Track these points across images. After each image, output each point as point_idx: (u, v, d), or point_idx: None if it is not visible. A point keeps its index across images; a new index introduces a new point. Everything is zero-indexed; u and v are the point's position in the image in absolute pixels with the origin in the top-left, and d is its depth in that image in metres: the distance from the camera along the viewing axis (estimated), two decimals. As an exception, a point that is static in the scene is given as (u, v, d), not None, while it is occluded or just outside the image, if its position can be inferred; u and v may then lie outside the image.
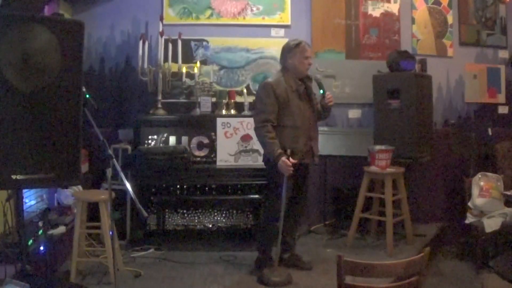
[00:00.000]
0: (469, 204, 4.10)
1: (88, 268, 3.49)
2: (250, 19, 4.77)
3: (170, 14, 4.70)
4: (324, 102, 3.49)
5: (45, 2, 3.76)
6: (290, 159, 3.20)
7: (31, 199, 3.64)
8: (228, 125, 4.14)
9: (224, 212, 4.28)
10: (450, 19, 5.10)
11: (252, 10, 4.77)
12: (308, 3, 4.85)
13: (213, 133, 4.16)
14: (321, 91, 3.47)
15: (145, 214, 2.39)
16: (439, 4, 5.08)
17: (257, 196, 4.06)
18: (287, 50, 3.45)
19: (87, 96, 2.61)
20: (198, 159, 4.16)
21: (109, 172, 2.46)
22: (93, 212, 3.56)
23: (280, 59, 3.54)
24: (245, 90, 4.59)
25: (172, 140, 4.21)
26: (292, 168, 3.19)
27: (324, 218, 4.71)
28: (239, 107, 4.50)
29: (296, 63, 3.39)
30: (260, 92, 3.38)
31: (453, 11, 5.11)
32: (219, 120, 4.12)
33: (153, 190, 4.14)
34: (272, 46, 4.69)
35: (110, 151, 2.52)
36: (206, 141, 4.22)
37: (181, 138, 4.21)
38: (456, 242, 4.42)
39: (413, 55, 4.63)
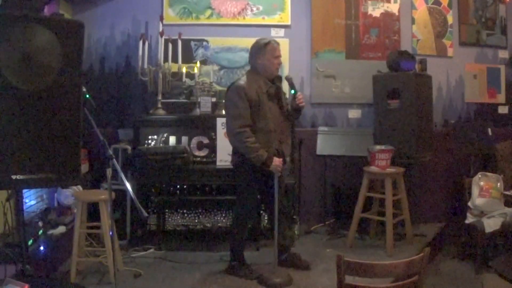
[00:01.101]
0: (469, 204, 4.10)
1: (88, 268, 3.49)
2: (250, 19, 4.77)
3: (170, 14, 4.70)
4: (295, 103, 3.37)
5: (45, 2, 3.76)
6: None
7: (31, 199, 3.64)
8: (228, 125, 4.14)
9: (224, 212, 4.28)
10: (450, 19, 5.10)
11: (252, 10, 4.78)
12: (308, 3, 4.85)
13: (213, 133, 4.16)
14: (292, 91, 3.36)
15: (145, 214, 2.39)
16: (439, 4, 5.08)
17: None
18: (256, 50, 3.34)
19: (87, 96, 2.61)
20: (198, 159, 4.16)
21: (109, 172, 2.46)
22: (93, 212, 3.56)
23: (249, 60, 3.42)
24: (245, 90, 4.58)
25: (172, 140, 4.21)
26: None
27: (324, 218, 4.71)
28: (239, 107, 4.49)
29: (266, 63, 3.30)
30: (232, 96, 3.24)
31: (453, 11, 5.11)
32: (219, 120, 4.11)
33: (153, 190, 4.14)
34: (272, 46, 4.68)
35: (110, 151, 2.52)
36: (206, 141, 4.22)
37: (181, 138, 4.21)
38: (456, 242, 4.42)
39: (413, 55, 4.63)
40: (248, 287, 3.26)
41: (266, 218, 4.25)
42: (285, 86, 3.47)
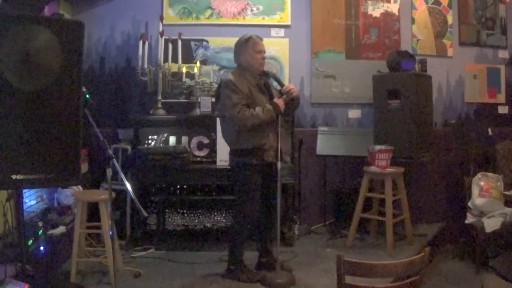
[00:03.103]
0: (469, 204, 4.10)
1: (88, 268, 3.49)
2: (250, 19, 4.77)
3: (170, 14, 4.70)
4: (288, 95, 3.31)
5: (45, 2, 3.76)
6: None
7: (31, 199, 3.64)
8: (228, 125, 4.14)
9: (224, 212, 4.28)
10: (450, 19, 5.10)
11: (252, 10, 4.78)
12: (308, 3, 4.85)
13: (213, 133, 4.16)
14: (280, 87, 3.37)
15: (145, 214, 2.39)
16: (439, 4, 5.08)
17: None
18: (238, 47, 3.36)
19: (87, 96, 2.61)
20: (198, 159, 4.16)
21: (109, 172, 2.46)
22: (93, 212, 3.56)
23: (234, 58, 3.43)
24: (245, 90, 4.58)
25: (172, 140, 4.21)
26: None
27: (324, 218, 4.71)
28: (239, 107, 4.49)
29: (249, 59, 3.30)
30: (224, 90, 3.23)
31: (453, 11, 5.11)
32: (219, 120, 4.11)
33: (153, 190, 4.14)
34: (272, 46, 4.69)
35: (110, 151, 2.52)
36: (206, 141, 4.22)
37: (181, 138, 4.21)
38: (456, 242, 4.42)
39: (413, 55, 4.63)
40: (248, 286, 3.26)
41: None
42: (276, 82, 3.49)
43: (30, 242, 3.07)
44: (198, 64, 4.52)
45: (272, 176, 3.36)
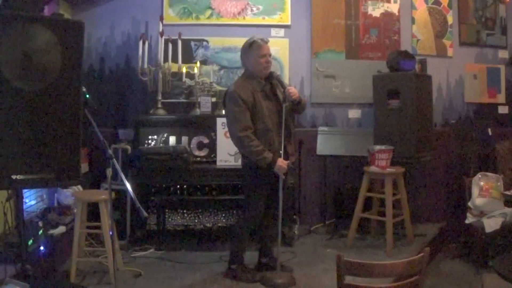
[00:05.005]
0: (469, 204, 4.10)
1: (88, 268, 3.49)
2: (250, 19, 4.77)
3: (170, 14, 4.70)
4: (290, 99, 3.26)
5: (45, 2, 3.76)
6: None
7: (31, 199, 3.64)
8: (228, 125, 4.14)
9: (224, 212, 4.28)
10: (450, 19, 5.10)
11: (252, 10, 4.77)
12: (308, 3, 4.85)
13: (213, 133, 4.16)
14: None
15: (145, 214, 2.39)
16: (439, 4, 5.08)
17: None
18: (244, 51, 3.32)
19: (87, 96, 2.62)
20: (198, 159, 4.16)
21: (109, 172, 2.46)
22: (93, 212, 3.56)
23: (241, 62, 3.41)
24: (245, 90, 4.58)
25: (172, 140, 4.21)
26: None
27: (324, 218, 4.71)
28: (239, 107, 4.49)
29: (253, 63, 3.25)
30: (228, 102, 3.25)
31: (453, 11, 5.11)
32: (219, 120, 4.11)
33: (153, 190, 4.14)
34: (272, 46, 4.62)
35: (110, 151, 2.52)
36: (206, 141, 4.22)
37: (181, 138, 4.21)
38: (456, 242, 4.42)
39: (413, 55, 4.63)
40: (248, 286, 3.26)
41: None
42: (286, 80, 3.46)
43: (30, 242, 3.07)
44: (198, 64, 4.52)
45: (278, 178, 3.35)
